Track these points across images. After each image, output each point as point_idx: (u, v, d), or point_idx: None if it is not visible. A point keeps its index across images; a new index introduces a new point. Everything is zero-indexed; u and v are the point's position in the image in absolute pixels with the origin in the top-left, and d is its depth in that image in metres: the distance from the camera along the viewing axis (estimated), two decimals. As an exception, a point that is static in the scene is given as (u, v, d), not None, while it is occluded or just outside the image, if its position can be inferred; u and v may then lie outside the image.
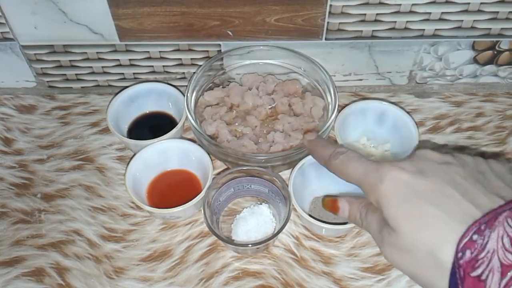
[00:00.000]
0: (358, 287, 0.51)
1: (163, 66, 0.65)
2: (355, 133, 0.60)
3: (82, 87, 0.68)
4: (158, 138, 0.57)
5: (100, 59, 0.64)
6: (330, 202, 0.42)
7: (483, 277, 0.28)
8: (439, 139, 0.63)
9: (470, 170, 0.33)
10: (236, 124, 0.59)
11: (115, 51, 0.63)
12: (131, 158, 0.55)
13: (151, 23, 0.59)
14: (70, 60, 0.64)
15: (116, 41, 0.61)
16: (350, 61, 0.64)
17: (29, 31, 0.60)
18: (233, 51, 0.61)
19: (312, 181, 0.55)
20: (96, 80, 0.67)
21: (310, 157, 0.54)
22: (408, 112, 0.59)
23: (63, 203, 0.57)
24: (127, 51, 0.63)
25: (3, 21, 0.59)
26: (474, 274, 0.28)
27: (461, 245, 0.29)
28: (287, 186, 0.51)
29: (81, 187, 0.59)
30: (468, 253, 0.28)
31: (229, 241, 0.51)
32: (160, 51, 0.63)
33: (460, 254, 0.29)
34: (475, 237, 0.28)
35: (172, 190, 0.57)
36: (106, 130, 0.64)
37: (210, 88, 0.62)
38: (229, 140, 0.57)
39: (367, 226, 0.37)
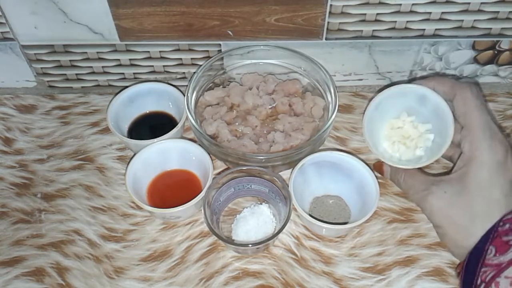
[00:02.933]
0: (358, 287, 0.51)
1: (163, 66, 0.65)
2: (393, 111, 0.53)
3: (82, 87, 0.68)
4: (158, 138, 0.57)
5: (100, 59, 0.64)
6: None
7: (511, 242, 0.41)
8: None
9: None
10: (237, 124, 0.59)
11: (115, 51, 0.63)
12: (131, 158, 0.55)
13: (151, 23, 0.59)
14: (70, 60, 0.64)
15: (116, 41, 0.61)
16: (350, 61, 0.64)
17: (29, 31, 0.60)
18: (233, 51, 0.61)
19: (312, 181, 0.55)
20: (96, 80, 0.67)
21: (310, 157, 0.54)
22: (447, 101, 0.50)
23: (63, 203, 0.57)
24: (127, 51, 0.63)
25: (3, 21, 0.59)
26: (505, 238, 0.41)
27: (505, 218, 0.43)
28: (287, 186, 0.51)
29: (81, 187, 0.59)
30: (507, 225, 0.42)
31: (229, 241, 0.51)
32: (160, 51, 0.63)
33: (501, 223, 0.43)
34: None
35: (172, 190, 0.57)
36: (106, 130, 0.64)
37: (211, 88, 0.62)
38: (229, 140, 0.57)
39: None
